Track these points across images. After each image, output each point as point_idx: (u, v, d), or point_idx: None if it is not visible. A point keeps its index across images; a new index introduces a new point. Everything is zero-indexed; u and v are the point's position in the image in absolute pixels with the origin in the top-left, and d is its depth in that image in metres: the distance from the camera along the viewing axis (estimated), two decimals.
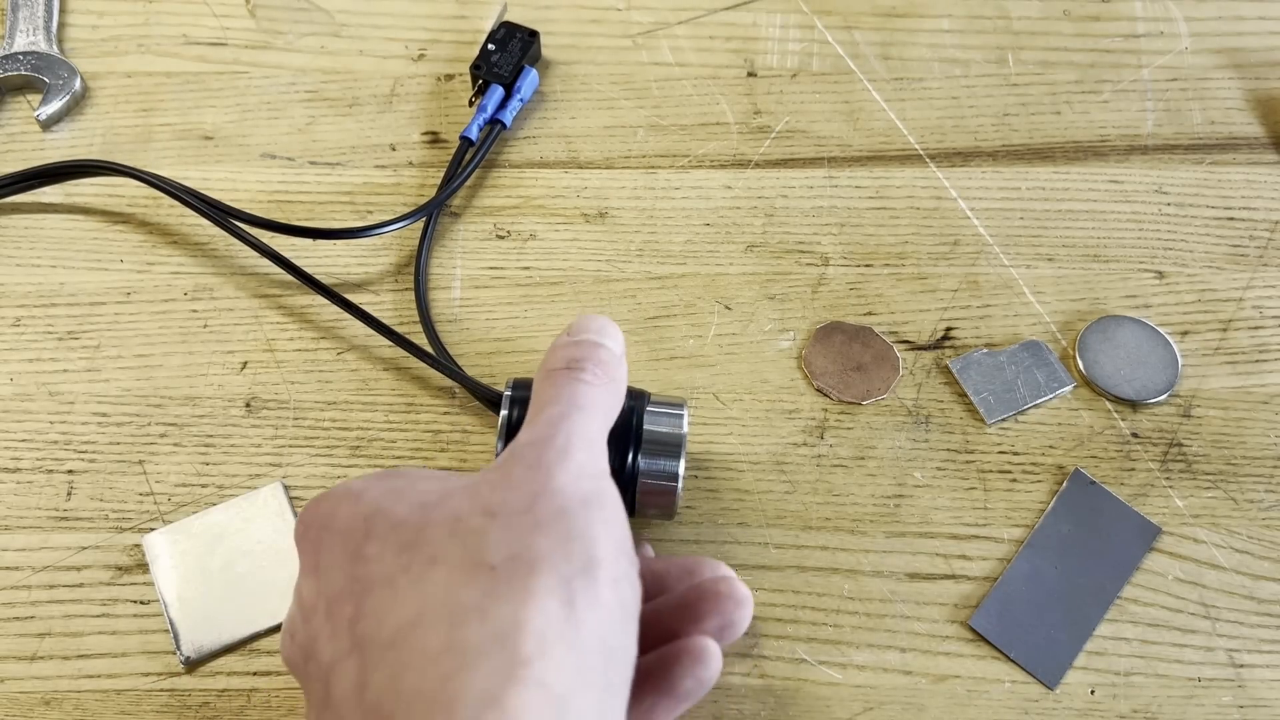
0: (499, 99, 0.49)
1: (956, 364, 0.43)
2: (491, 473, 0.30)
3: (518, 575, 0.26)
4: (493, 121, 0.48)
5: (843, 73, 0.52)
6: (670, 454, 0.36)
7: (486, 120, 0.48)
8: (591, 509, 0.28)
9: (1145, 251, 0.47)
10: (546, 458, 0.29)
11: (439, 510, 0.28)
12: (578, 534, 0.27)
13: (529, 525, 0.27)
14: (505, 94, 0.49)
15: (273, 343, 0.44)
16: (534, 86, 0.50)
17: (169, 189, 0.45)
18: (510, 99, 0.49)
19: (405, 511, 0.29)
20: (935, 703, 0.37)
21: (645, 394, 0.38)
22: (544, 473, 0.29)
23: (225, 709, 0.37)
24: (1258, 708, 0.37)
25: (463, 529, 0.28)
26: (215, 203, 0.45)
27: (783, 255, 0.47)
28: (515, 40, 0.50)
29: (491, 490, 0.29)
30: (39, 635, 0.38)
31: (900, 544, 0.40)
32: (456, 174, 0.47)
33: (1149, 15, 0.54)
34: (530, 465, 0.29)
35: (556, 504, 0.28)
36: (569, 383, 0.32)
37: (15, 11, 0.53)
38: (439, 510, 0.28)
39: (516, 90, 0.49)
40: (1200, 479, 0.41)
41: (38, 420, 0.42)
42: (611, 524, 0.29)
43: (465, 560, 0.27)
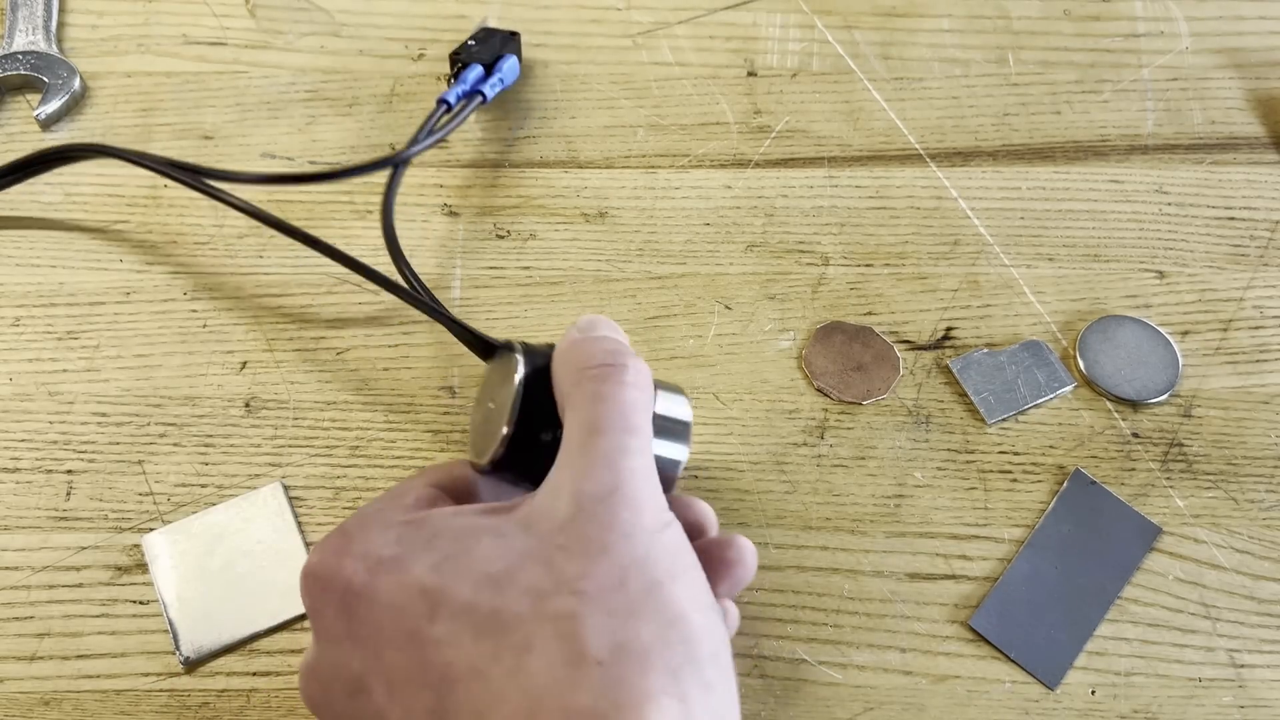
0: (479, 75, 0.48)
1: (957, 364, 0.43)
2: (558, 531, 0.27)
3: (630, 673, 0.25)
4: (473, 93, 0.48)
5: (843, 72, 0.52)
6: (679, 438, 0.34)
7: (466, 91, 0.48)
8: (677, 575, 0.27)
9: (1146, 251, 0.47)
10: (621, 516, 0.27)
11: (513, 586, 0.26)
12: (674, 612, 0.26)
13: (624, 608, 0.26)
14: (485, 73, 0.49)
15: (272, 343, 0.44)
16: (515, 73, 0.50)
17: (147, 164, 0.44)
18: (490, 76, 0.48)
19: (471, 590, 0.27)
20: (935, 703, 0.37)
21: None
22: (623, 536, 0.27)
23: (225, 709, 0.37)
24: (1258, 708, 0.37)
25: (551, 610, 0.26)
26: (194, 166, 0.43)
27: (783, 255, 0.46)
28: (495, 38, 0.50)
29: (568, 559, 0.27)
30: (38, 635, 0.38)
31: (900, 544, 0.40)
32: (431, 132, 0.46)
33: (1149, 15, 0.54)
34: (605, 525, 0.27)
35: (647, 577, 0.26)
36: (613, 393, 0.29)
37: (15, 11, 0.53)
38: (513, 586, 0.26)
39: (496, 70, 0.49)
40: (1201, 479, 0.41)
41: (37, 420, 0.42)
42: (699, 586, 0.28)
43: (566, 652, 0.25)
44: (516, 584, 0.26)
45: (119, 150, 0.45)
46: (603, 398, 0.29)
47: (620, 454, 0.28)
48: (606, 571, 0.26)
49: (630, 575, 0.26)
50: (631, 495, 0.28)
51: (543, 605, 0.26)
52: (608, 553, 0.27)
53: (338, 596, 0.28)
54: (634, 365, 0.30)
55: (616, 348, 0.31)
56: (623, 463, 0.28)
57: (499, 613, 0.26)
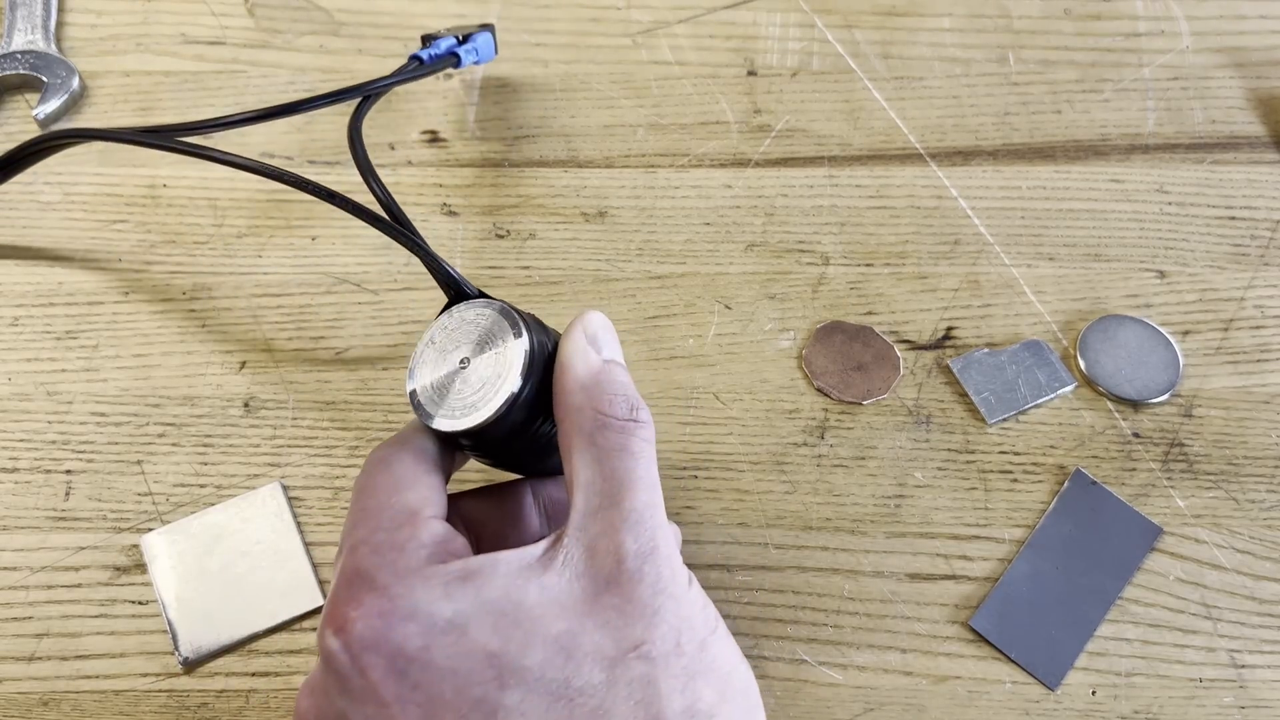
0: (452, 43, 0.48)
1: (957, 364, 0.43)
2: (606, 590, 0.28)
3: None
4: (448, 55, 0.47)
5: (843, 72, 0.52)
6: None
7: (439, 53, 0.47)
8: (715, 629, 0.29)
9: (1146, 251, 0.47)
10: (664, 576, 0.28)
11: (579, 650, 0.27)
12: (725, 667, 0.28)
13: (685, 670, 0.27)
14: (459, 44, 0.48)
15: (271, 342, 0.44)
16: (490, 47, 0.49)
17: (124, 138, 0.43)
18: (464, 45, 0.48)
19: (541, 656, 0.27)
20: (936, 703, 0.37)
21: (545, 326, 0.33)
22: (670, 598, 0.28)
23: (224, 710, 0.37)
24: (1259, 708, 0.37)
25: (623, 677, 0.27)
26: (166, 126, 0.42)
27: (783, 254, 0.46)
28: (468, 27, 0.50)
29: (626, 622, 0.27)
30: (37, 636, 0.38)
31: (901, 544, 0.40)
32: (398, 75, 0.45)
33: (1150, 14, 0.54)
34: (653, 587, 0.28)
35: (697, 637, 0.28)
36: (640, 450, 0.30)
37: (14, 10, 0.52)
38: (579, 650, 0.27)
39: (471, 40, 0.48)
40: (1201, 479, 0.41)
41: (36, 420, 0.42)
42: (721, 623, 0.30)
43: (644, 718, 0.27)
44: (582, 648, 0.27)
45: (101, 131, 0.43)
46: (631, 453, 0.30)
47: (653, 511, 0.29)
48: (665, 635, 0.28)
49: (684, 637, 0.28)
50: (668, 555, 0.29)
51: (614, 672, 0.27)
52: (660, 614, 0.28)
53: (385, 660, 0.27)
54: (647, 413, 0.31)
55: (635, 396, 0.31)
56: (656, 520, 0.29)
57: (570, 679, 0.27)
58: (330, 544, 0.40)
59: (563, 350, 0.31)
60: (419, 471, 0.31)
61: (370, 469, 0.31)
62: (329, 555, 0.39)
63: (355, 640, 0.27)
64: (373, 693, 0.27)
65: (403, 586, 0.28)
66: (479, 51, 0.49)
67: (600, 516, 0.29)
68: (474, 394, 0.31)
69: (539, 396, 0.31)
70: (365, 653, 0.27)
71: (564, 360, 0.31)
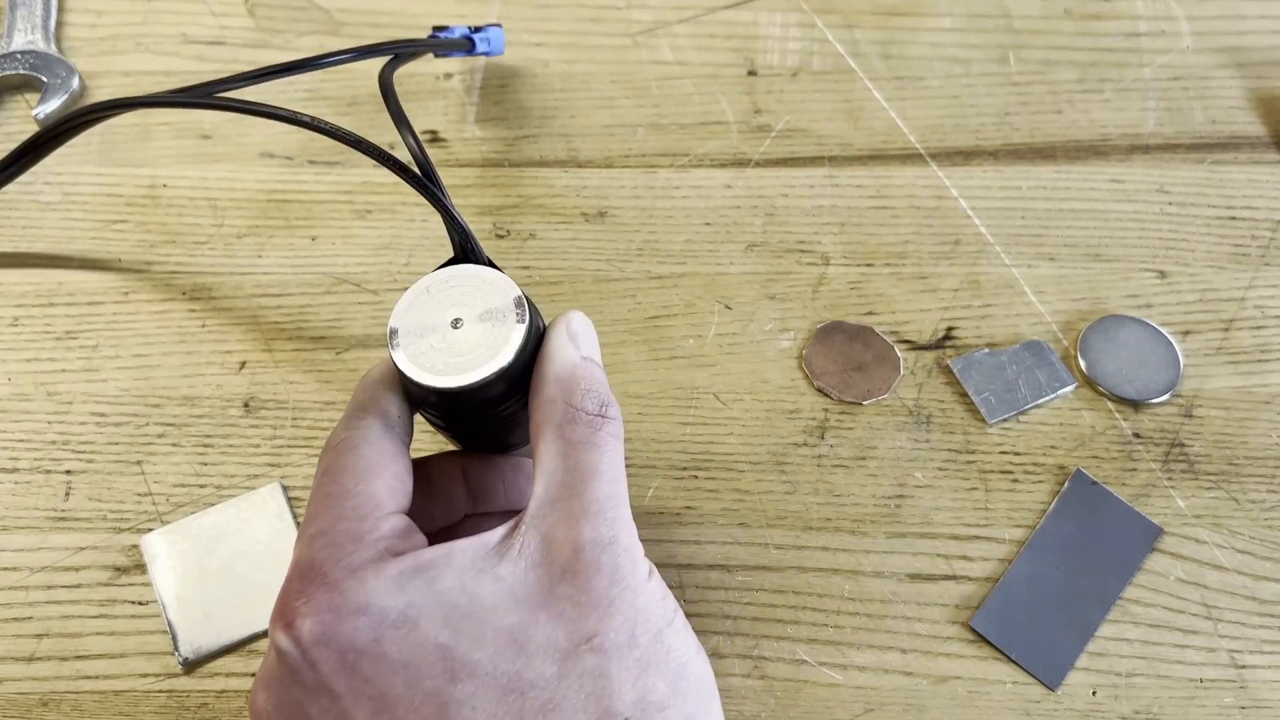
0: (465, 30, 0.49)
1: (957, 364, 0.43)
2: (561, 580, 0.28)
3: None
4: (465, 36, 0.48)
5: (843, 71, 0.52)
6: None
7: (456, 35, 0.48)
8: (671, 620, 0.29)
9: (1147, 251, 0.46)
10: (623, 568, 0.28)
11: (531, 643, 0.27)
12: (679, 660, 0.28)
13: (638, 662, 0.27)
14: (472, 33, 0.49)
15: (271, 343, 0.44)
16: (500, 41, 0.50)
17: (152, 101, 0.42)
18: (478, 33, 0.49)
19: (491, 648, 0.27)
20: (936, 704, 0.37)
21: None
22: (627, 589, 0.28)
23: (224, 710, 0.37)
24: (1260, 709, 0.37)
25: (575, 669, 0.27)
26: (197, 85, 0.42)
27: (783, 255, 0.46)
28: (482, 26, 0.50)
29: (581, 614, 0.27)
30: (37, 636, 0.38)
31: (901, 544, 0.40)
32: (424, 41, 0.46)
33: (1150, 14, 0.54)
34: (610, 578, 0.28)
35: (651, 629, 0.28)
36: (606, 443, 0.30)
37: (13, 10, 0.52)
38: (531, 643, 0.27)
39: (482, 32, 0.49)
40: (1202, 479, 0.41)
41: (35, 420, 0.42)
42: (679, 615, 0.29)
43: (595, 710, 0.27)
44: (534, 640, 0.27)
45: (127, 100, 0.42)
46: (597, 447, 0.30)
47: (614, 504, 0.29)
48: (619, 627, 0.27)
49: (638, 628, 0.28)
50: (628, 546, 0.29)
51: (566, 664, 0.27)
52: (615, 606, 0.28)
53: (335, 654, 0.27)
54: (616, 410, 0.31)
55: (607, 394, 0.31)
56: (617, 513, 0.29)
57: (522, 672, 0.27)
58: None
59: (545, 342, 0.32)
60: (387, 455, 0.30)
61: (338, 450, 0.30)
62: None
63: (305, 635, 0.27)
64: (325, 686, 0.27)
65: (354, 580, 0.28)
66: (491, 42, 0.49)
67: (560, 506, 0.29)
68: (458, 358, 0.30)
69: (520, 378, 0.31)
70: (315, 647, 0.27)
71: (545, 352, 0.31)
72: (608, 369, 0.43)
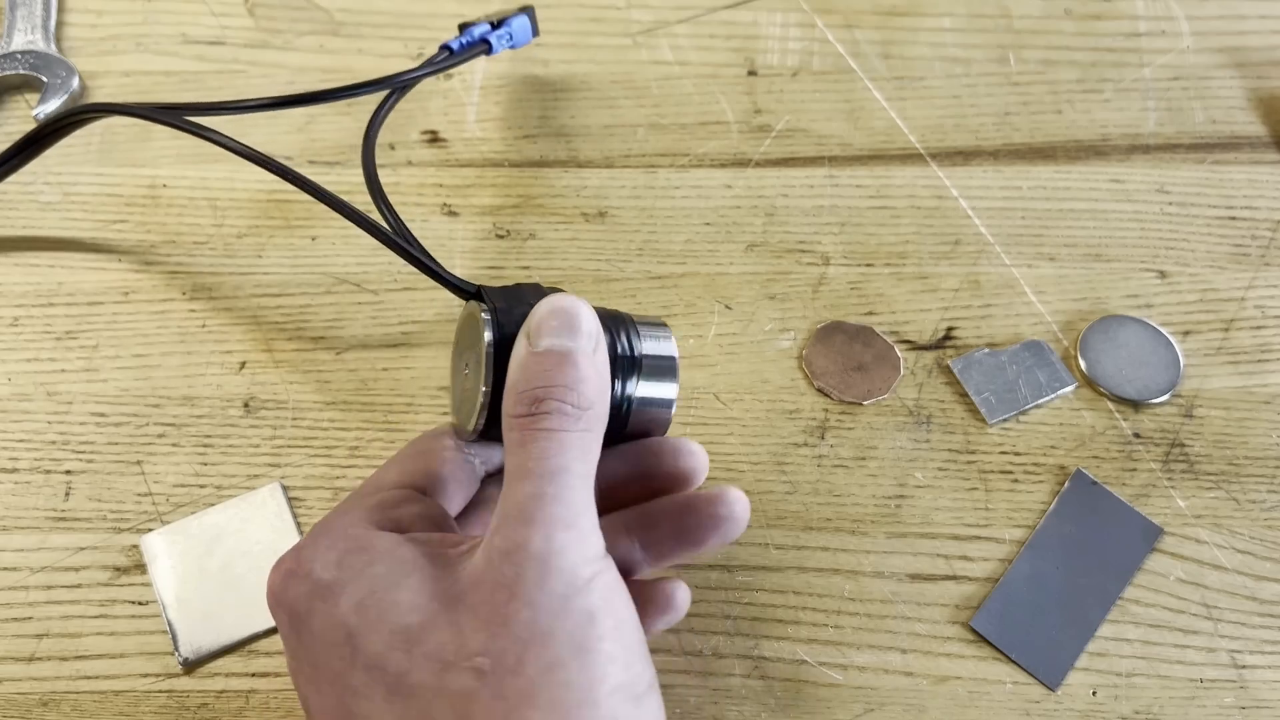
0: (486, 29, 0.47)
1: (958, 364, 0.43)
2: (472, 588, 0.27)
3: None
4: (480, 41, 0.47)
5: (843, 71, 0.52)
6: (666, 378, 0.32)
7: (472, 40, 0.47)
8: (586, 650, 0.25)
9: (1147, 251, 0.46)
10: (528, 579, 0.26)
11: (420, 647, 0.26)
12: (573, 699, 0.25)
13: (518, 692, 0.25)
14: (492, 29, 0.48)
15: (271, 343, 0.44)
16: (526, 32, 0.48)
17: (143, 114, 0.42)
18: (496, 30, 0.47)
19: (385, 643, 0.26)
20: (936, 704, 0.37)
21: (626, 316, 0.33)
22: (525, 604, 0.25)
23: (224, 710, 0.37)
24: (1260, 709, 0.37)
25: (451, 686, 0.25)
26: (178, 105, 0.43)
27: (783, 255, 0.46)
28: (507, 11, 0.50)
29: (474, 626, 0.26)
30: (37, 636, 0.38)
31: (901, 545, 0.40)
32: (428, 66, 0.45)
33: (1150, 14, 0.54)
34: (511, 590, 0.26)
35: (547, 657, 0.25)
36: (538, 442, 0.28)
37: (14, 10, 0.52)
38: (420, 647, 0.26)
39: (505, 25, 0.48)
40: (1202, 479, 0.41)
41: (35, 420, 0.42)
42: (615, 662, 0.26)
43: None
44: (424, 645, 0.26)
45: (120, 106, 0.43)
46: (524, 445, 0.28)
47: (537, 503, 0.27)
48: (505, 649, 0.25)
49: (529, 655, 0.25)
50: (540, 553, 0.26)
51: (444, 678, 0.25)
52: (509, 626, 0.25)
53: (286, 614, 0.28)
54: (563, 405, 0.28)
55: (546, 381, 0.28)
56: (539, 514, 0.27)
57: (405, 676, 0.26)
58: None
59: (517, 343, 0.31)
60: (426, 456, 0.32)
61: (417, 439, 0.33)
62: None
63: (270, 590, 0.29)
64: (284, 637, 0.29)
65: (312, 546, 0.29)
66: (513, 36, 0.48)
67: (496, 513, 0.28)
68: (474, 399, 0.32)
69: None
70: (275, 605, 0.29)
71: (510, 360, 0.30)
72: None
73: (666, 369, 0.32)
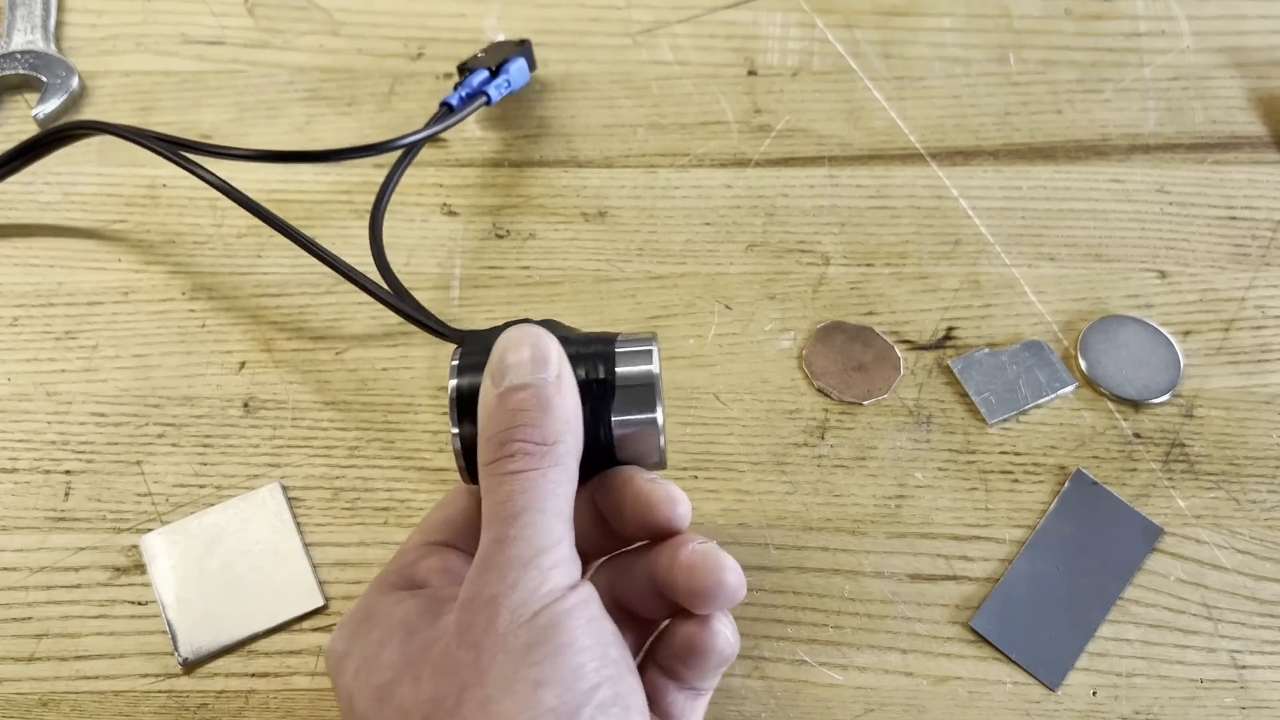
0: (484, 78, 0.48)
1: (958, 364, 0.43)
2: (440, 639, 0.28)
3: None
4: (477, 94, 0.47)
5: (843, 71, 0.52)
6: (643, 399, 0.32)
7: (470, 92, 0.47)
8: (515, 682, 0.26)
9: (1147, 251, 0.46)
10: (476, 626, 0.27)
11: (390, 703, 0.27)
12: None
13: None
14: (491, 76, 0.48)
15: (271, 342, 0.44)
16: (524, 75, 0.49)
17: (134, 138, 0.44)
18: (495, 78, 0.48)
19: (368, 702, 0.28)
20: (936, 704, 0.37)
21: (609, 337, 0.33)
22: (472, 649, 0.27)
23: (223, 710, 0.37)
24: (1260, 709, 0.37)
25: None
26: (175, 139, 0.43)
27: (783, 255, 0.46)
28: (505, 45, 0.50)
29: (429, 678, 0.27)
30: (36, 636, 0.38)
31: (901, 545, 0.40)
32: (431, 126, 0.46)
33: (1150, 14, 0.54)
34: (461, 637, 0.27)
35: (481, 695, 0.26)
36: (501, 485, 0.28)
37: (13, 10, 0.52)
38: (390, 703, 0.27)
39: (503, 71, 0.48)
40: (1202, 479, 0.41)
41: (35, 420, 0.42)
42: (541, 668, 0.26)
43: None
44: (392, 700, 0.27)
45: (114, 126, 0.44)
46: (490, 489, 0.29)
47: (497, 549, 0.28)
48: (447, 693, 0.26)
49: (466, 694, 0.26)
50: (491, 597, 0.27)
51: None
52: (455, 671, 0.26)
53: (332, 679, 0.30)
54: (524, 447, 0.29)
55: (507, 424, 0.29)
56: (497, 558, 0.28)
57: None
58: (330, 544, 0.40)
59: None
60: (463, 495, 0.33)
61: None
62: (329, 555, 0.39)
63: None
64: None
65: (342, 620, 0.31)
66: (511, 81, 0.49)
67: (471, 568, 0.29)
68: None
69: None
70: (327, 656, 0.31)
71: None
72: None
73: (643, 390, 0.32)
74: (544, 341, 0.30)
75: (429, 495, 0.41)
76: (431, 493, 0.41)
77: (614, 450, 0.32)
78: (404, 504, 0.40)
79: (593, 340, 0.32)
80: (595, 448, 0.31)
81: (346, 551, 0.39)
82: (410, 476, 0.41)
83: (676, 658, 0.31)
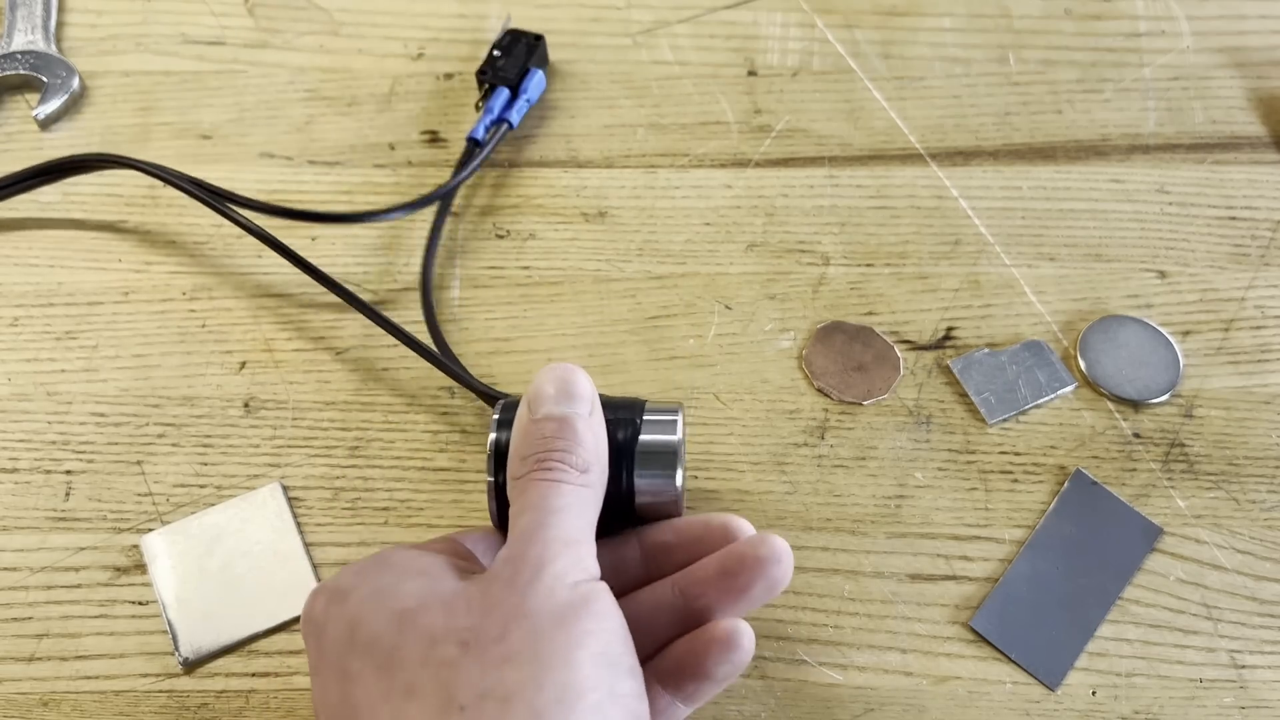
0: (505, 100, 0.48)
1: (958, 364, 0.43)
2: (474, 585, 0.29)
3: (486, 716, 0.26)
4: (499, 121, 0.48)
5: (843, 71, 0.52)
6: (664, 464, 0.34)
7: (493, 120, 0.48)
8: (569, 626, 0.27)
9: (1147, 251, 0.46)
10: (521, 576, 0.28)
11: (414, 627, 0.28)
12: (552, 660, 0.27)
13: (500, 657, 0.27)
14: (511, 95, 0.49)
15: (271, 343, 0.44)
16: (541, 88, 0.50)
17: (168, 178, 0.45)
18: (516, 99, 0.49)
19: (383, 623, 0.28)
20: (936, 704, 0.37)
21: (640, 403, 0.35)
22: (518, 594, 0.28)
23: (224, 710, 0.37)
24: (1260, 709, 0.37)
25: (435, 658, 0.27)
26: (216, 189, 0.44)
27: (783, 255, 0.46)
28: (520, 45, 0.50)
29: (468, 610, 0.28)
30: (37, 636, 0.38)
31: (901, 545, 0.40)
32: (464, 168, 0.46)
33: (1150, 14, 0.54)
34: (506, 583, 0.28)
35: (528, 627, 0.27)
36: (540, 487, 0.31)
37: (14, 10, 0.52)
38: (414, 627, 0.28)
39: (523, 91, 0.49)
40: (1202, 479, 0.41)
41: (35, 420, 0.42)
42: (595, 636, 0.28)
43: (439, 700, 0.26)
44: (417, 624, 0.28)
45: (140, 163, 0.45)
46: (528, 495, 0.31)
47: (539, 528, 0.30)
48: (492, 624, 0.27)
49: (513, 627, 0.27)
50: (536, 559, 0.29)
51: (429, 651, 0.27)
52: (499, 607, 0.28)
53: (310, 627, 0.30)
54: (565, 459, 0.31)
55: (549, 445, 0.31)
56: (539, 534, 0.29)
57: (395, 651, 0.28)
58: (330, 544, 0.40)
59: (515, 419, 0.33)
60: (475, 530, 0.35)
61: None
62: (329, 555, 0.39)
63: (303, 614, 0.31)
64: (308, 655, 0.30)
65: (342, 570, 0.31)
66: (531, 100, 0.49)
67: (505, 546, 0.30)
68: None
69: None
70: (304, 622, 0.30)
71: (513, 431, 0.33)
72: (608, 369, 0.43)
73: (665, 457, 0.34)
74: (579, 378, 0.32)
75: (429, 495, 0.41)
76: (432, 493, 0.41)
77: (634, 509, 0.34)
78: (404, 504, 0.40)
79: (621, 406, 0.35)
80: (615, 500, 0.33)
81: (347, 551, 0.40)
82: (410, 477, 0.41)
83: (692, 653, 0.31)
